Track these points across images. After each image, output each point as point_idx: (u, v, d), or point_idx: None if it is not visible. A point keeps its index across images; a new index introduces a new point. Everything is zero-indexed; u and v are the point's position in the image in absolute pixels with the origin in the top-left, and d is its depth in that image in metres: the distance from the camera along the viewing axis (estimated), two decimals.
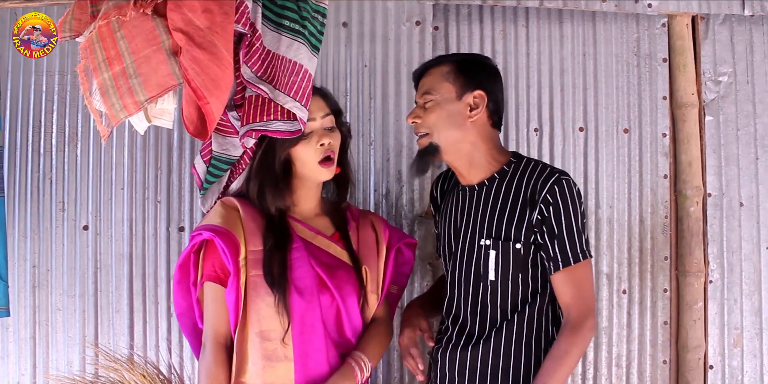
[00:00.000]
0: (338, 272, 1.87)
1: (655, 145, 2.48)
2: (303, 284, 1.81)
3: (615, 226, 2.45)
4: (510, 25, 2.46)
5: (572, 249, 1.82)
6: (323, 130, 1.86)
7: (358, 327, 1.89)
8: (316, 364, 1.80)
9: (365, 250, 1.94)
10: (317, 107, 1.87)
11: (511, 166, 1.93)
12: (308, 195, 1.93)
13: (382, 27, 2.40)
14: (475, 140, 1.91)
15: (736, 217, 2.49)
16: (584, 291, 1.84)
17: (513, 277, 1.87)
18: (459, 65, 1.92)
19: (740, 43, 2.52)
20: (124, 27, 1.74)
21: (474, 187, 1.95)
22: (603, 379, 2.42)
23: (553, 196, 1.83)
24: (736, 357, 2.47)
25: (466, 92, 1.90)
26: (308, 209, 1.94)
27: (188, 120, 1.82)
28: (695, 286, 2.44)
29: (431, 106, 1.91)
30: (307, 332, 1.80)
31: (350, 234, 1.95)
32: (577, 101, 2.47)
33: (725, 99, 2.51)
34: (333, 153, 1.87)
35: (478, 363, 1.87)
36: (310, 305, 1.81)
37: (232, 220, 1.83)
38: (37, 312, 2.28)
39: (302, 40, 1.85)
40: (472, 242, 1.93)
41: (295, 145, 1.84)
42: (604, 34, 2.49)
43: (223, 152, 1.95)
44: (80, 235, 2.29)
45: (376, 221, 2.02)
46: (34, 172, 2.29)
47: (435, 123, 1.89)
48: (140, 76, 1.73)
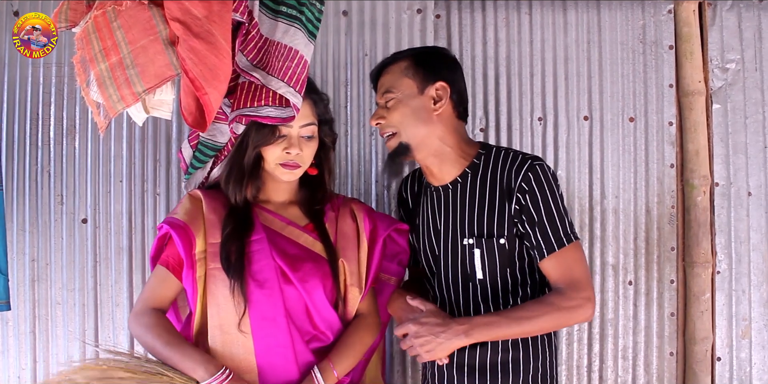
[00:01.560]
0: (304, 264, 1.81)
1: (662, 134, 2.44)
2: (262, 277, 1.77)
3: (621, 216, 2.42)
4: (513, 13, 2.43)
5: (555, 234, 1.79)
6: (297, 138, 1.82)
7: (332, 321, 1.83)
8: (281, 358, 1.76)
9: (343, 242, 1.89)
10: (300, 114, 1.80)
11: (481, 158, 1.89)
12: (279, 187, 1.90)
13: (382, 15, 2.38)
14: (442, 134, 1.87)
15: (744, 206, 2.45)
16: (575, 271, 1.78)
17: (501, 273, 1.84)
18: (416, 59, 1.88)
19: (748, 30, 2.48)
20: (121, 17, 1.71)
21: (447, 186, 1.91)
22: (609, 371, 2.40)
23: (528, 183, 1.80)
24: (744, 349, 2.44)
25: (427, 85, 1.86)
26: (280, 200, 1.91)
27: (186, 111, 1.80)
28: (702, 276, 2.41)
29: (394, 105, 1.86)
30: (268, 326, 1.76)
31: (327, 225, 1.90)
32: (581, 90, 2.43)
33: (733, 86, 2.47)
34: (296, 164, 1.82)
35: (476, 360, 1.83)
36: (271, 299, 1.76)
37: (193, 213, 1.82)
38: (37, 306, 2.27)
39: (299, 25, 1.81)
40: (455, 243, 1.89)
41: (266, 145, 1.81)
42: (609, 22, 2.45)
43: (210, 138, 1.92)
44: (79, 229, 2.28)
45: (358, 210, 1.95)
46: (32, 165, 2.28)
47: (400, 121, 1.85)
48: (137, 66, 1.71)
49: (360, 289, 1.87)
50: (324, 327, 1.82)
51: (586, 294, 1.76)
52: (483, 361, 1.83)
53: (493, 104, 2.40)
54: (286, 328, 1.76)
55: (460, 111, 1.91)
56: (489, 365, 1.83)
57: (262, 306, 1.76)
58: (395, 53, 1.99)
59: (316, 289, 1.80)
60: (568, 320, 1.79)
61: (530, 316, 1.74)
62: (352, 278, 1.86)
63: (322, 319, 1.82)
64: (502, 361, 1.83)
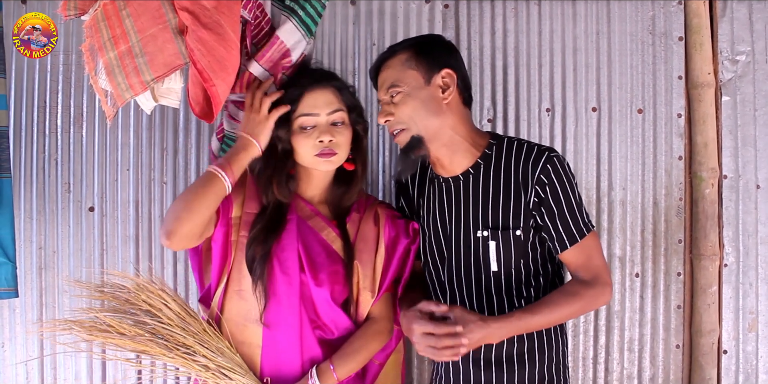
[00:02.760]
0: (319, 258, 1.83)
1: (670, 126, 2.43)
2: (284, 256, 1.81)
3: (628, 208, 2.42)
4: (522, 3, 2.41)
5: (576, 225, 1.80)
6: (328, 126, 1.81)
7: (336, 317, 1.84)
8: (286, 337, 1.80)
9: (361, 244, 1.87)
10: (325, 102, 1.81)
11: (493, 148, 1.85)
12: (311, 183, 1.90)
13: (390, 5, 2.36)
14: (454, 124, 1.83)
15: (753, 199, 2.44)
16: (594, 259, 1.83)
17: (516, 265, 1.83)
18: (417, 49, 1.84)
19: (759, 22, 2.46)
20: (130, 5, 1.71)
21: (458, 178, 1.87)
22: (615, 363, 2.40)
23: (547, 176, 1.78)
24: (750, 342, 2.44)
25: (433, 74, 1.81)
26: (312, 194, 1.91)
27: (194, 101, 1.80)
28: (710, 269, 2.41)
29: (401, 99, 1.80)
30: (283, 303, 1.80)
31: (348, 225, 1.89)
32: (590, 81, 2.42)
33: (743, 79, 2.46)
34: (332, 151, 1.80)
35: (492, 353, 1.82)
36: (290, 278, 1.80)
37: (240, 180, 1.82)
38: (44, 294, 2.28)
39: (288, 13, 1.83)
40: (467, 235, 1.86)
41: (293, 135, 1.81)
42: (619, 12, 2.43)
43: (231, 131, 1.96)
44: (86, 217, 2.29)
45: (382, 215, 1.93)
46: (39, 153, 2.28)
47: (410, 115, 1.80)
48: (146, 55, 1.71)
49: (373, 293, 1.86)
50: (327, 320, 1.83)
51: (604, 280, 1.81)
52: (499, 353, 1.82)
53: (501, 95, 2.39)
54: (297, 310, 1.80)
55: (466, 97, 1.87)
56: (505, 357, 1.82)
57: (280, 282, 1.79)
58: (392, 46, 1.92)
59: (322, 284, 1.81)
60: (591, 307, 1.84)
61: (559, 308, 1.75)
62: (366, 282, 1.85)
63: (324, 312, 1.83)
64: (518, 352, 1.82)
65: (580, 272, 1.82)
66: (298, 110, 1.81)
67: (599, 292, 1.80)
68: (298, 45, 1.85)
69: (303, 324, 1.81)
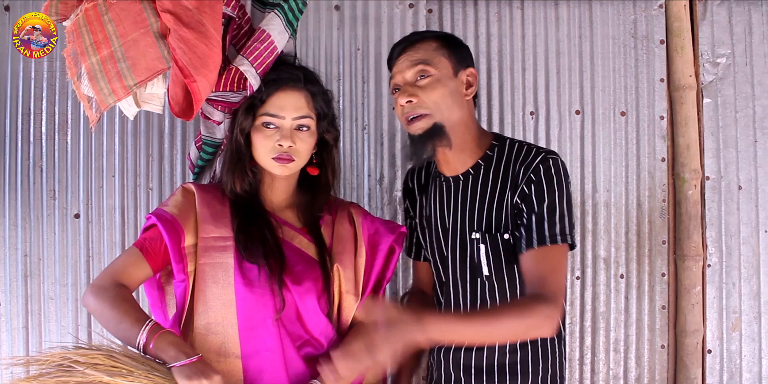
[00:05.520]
0: (296, 267, 1.72)
1: (653, 128, 2.45)
2: (253, 275, 1.68)
3: (612, 210, 2.43)
4: (505, 8, 2.43)
5: (551, 229, 1.66)
6: (291, 130, 1.73)
7: (325, 328, 1.73)
8: (269, 363, 1.66)
9: (339, 246, 1.78)
10: (294, 106, 1.74)
11: (494, 149, 1.81)
12: (275, 185, 1.81)
13: (374, 9, 2.38)
14: (468, 121, 1.80)
15: (735, 200, 2.47)
16: (551, 278, 1.63)
17: (507, 270, 1.76)
18: (446, 42, 1.81)
19: (739, 25, 2.49)
20: (112, 10, 1.71)
21: (458, 178, 1.83)
22: (601, 364, 2.41)
23: (536, 173, 1.70)
24: (734, 341, 2.46)
25: (460, 69, 1.80)
26: (277, 201, 1.83)
27: (173, 100, 1.78)
28: (693, 270, 2.43)
29: (430, 83, 1.74)
30: (256, 327, 1.66)
31: (322, 228, 1.80)
32: (573, 84, 2.44)
33: (723, 81, 2.48)
34: (290, 157, 1.72)
35: (483, 362, 1.79)
36: (262, 298, 1.67)
37: (184, 207, 1.73)
38: (30, 301, 2.27)
39: (278, 11, 1.81)
40: (463, 237, 1.81)
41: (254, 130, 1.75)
42: (601, 16, 2.45)
43: (209, 135, 1.93)
44: (72, 224, 2.28)
45: (356, 214, 1.85)
46: (24, 160, 2.27)
47: (437, 101, 1.73)
48: (128, 59, 1.70)
49: (357, 297, 1.76)
50: (317, 333, 1.73)
51: (550, 311, 1.59)
52: (491, 362, 1.78)
53: (485, 98, 2.41)
54: (275, 332, 1.67)
55: (475, 101, 1.88)
56: (497, 367, 1.78)
57: (250, 306, 1.67)
58: (417, 32, 1.87)
59: (308, 293, 1.71)
60: (524, 336, 1.69)
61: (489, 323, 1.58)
62: (348, 285, 1.75)
63: (314, 325, 1.72)
64: (510, 362, 1.77)
65: (530, 288, 1.64)
66: (264, 108, 1.75)
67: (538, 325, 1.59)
68: (283, 40, 1.83)
69: (285, 346, 1.68)
